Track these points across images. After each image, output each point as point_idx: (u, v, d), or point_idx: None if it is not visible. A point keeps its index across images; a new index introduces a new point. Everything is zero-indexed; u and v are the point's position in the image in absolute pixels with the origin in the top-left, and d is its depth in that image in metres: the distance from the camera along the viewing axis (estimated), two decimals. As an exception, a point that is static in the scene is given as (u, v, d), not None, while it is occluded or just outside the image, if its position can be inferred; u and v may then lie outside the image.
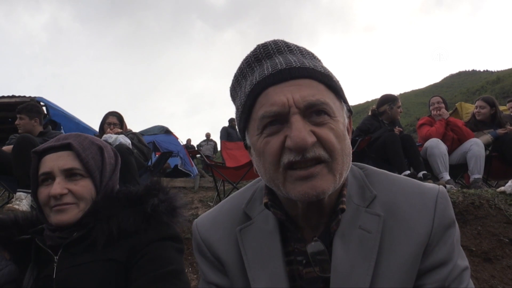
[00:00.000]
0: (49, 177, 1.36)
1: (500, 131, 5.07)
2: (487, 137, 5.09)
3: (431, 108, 5.35)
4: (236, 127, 0.99)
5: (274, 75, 0.85)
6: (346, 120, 0.92)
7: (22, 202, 3.70)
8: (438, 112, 5.21)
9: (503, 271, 3.05)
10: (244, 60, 0.94)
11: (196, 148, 14.80)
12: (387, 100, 5.24)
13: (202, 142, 15.43)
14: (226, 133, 12.08)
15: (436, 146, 4.77)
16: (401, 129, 5.11)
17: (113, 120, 4.73)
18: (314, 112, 0.83)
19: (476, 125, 5.35)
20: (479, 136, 5.12)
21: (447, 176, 4.68)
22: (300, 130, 0.79)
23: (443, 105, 5.32)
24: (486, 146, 4.99)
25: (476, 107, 5.44)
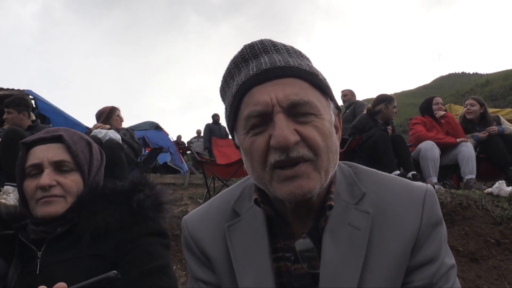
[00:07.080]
0: (37, 168, 1.32)
1: (481, 135, 5.09)
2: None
3: (435, 107, 5.37)
4: (226, 125, 0.99)
5: (259, 75, 0.85)
6: (334, 118, 0.92)
7: (9, 195, 3.65)
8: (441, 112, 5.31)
9: (489, 271, 3.09)
10: (232, 60, 0.94)
11: (186, 145, 14.73)
12: (384, 99, 5.25)
13: (192, 138, 15.35)
14: (208, 130, 12.08)
15: (430, 149, 4.81)
16: (390, 128, 5.13)
17: (120, 114, 4.98)
18: (298, 111, 0.83)
19: (466, 126, 5.39)
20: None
21: (435, 180, 4.74)
22: (283, 129, 0.79)
23: (443, 107, 5.47)
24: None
25: (466, 105, 5.48)
